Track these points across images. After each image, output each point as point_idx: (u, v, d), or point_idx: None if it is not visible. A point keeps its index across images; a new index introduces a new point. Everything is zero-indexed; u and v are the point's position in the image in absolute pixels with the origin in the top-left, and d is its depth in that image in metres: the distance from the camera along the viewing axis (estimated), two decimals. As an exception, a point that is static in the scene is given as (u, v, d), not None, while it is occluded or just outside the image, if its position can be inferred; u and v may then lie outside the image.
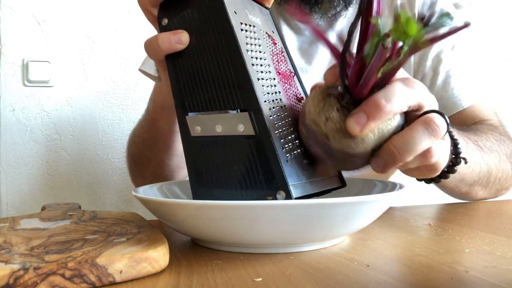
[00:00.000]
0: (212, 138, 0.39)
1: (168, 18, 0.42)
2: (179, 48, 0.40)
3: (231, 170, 0.38)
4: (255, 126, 0.37)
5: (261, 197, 0.36)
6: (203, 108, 0.39)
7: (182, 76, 0.41)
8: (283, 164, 0.36)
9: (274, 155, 0.36)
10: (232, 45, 0.38)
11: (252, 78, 0.37)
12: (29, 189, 1.14)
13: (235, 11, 0.40)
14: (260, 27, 0.43)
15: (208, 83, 0.39)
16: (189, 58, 0.40)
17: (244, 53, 0.38)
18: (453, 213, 0.56)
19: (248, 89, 0.37)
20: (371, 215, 0.38)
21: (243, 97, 0.37)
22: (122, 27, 1.18)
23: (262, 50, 0.41)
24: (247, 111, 0.37)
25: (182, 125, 0.41)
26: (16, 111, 1.13)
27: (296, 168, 0.38)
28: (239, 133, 0.37)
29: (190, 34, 0.40)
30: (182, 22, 0.41)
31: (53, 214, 0.48)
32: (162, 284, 0.30)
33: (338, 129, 0.35)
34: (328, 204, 0.34)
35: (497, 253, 0.36)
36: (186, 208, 0.36)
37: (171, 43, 0.40)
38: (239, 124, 0.37)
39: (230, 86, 0.38)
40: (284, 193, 0.35)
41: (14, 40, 1.11)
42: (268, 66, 0.41)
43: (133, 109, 1.20)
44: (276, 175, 0.36)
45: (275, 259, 0.36)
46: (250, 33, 0.41)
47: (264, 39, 0.43)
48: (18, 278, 0.27)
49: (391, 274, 0.32)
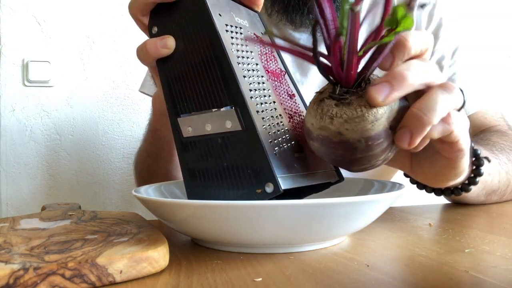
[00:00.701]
0: (203, 137, 0.40)
1: (157, 25, 0.43)
2: (166, 53, 0.41)
3: (223, 167, 0.38)
4: (241, 121, 0.37)
5: (252, 191, 0.36)
6: (193, 109, 0.40)
7: (172, 79, 0.42)
8: (271, 156, 0.36)
9: (261, 148, 0.36)
10: (217, 46, 0.39)
11: (237, 75, 0.38)
12: (29, 189, 1.14)
13: (219, 13, 0.41)
14: (248, 28, 0.44)
15: (197, 84, 0.40)
16: (178, 62, 0.41)
17: (229, 52, 0.39)
18: (453, 213, 0.56)
19: (233, 86, 0.38)
20: (371, 215, 0.38)
21: (230, 94, 0.38)
22: (122, 27, 1.18)
23: (249, 49, 0.42)
24: (233, 107, 0.38)
25: (174, 128, 0.41)
26: (16, 111, 1.13)
27: (286, 161, 0.38)
28: (227, 130, 0.38)
29: (178, 39, 0.41)
30: (170, 28, 0.42)
31: (53, 214, 0.48)
32: (162, 284, 0.30)
33: (346, 120, 0.34)
34: (328, 204, 0.34)
35: (497, 253, 0.36)
36: (186, 208, 0.36)
37: (158, 48, 0.41)
38: (227, 120, 0.38)
39: (217, 85, 0.39)
40: (272, 185, 0.35)
41: (14, 40, 1.11)
42: (256, 65, 0.42)
43: (133, 109, 1.20)
44: (263, 168, 0.36)
45: (275, 259, 0.36)
46: (236, 34, 0.42)
47: None
48: (18, 278, 0.27)
49: (391, 274, 0.32)
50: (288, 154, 0.39)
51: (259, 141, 0.36)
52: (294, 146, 0.40)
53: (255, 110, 0.38)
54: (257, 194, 0.36)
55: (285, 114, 0.42)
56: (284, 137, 0.40)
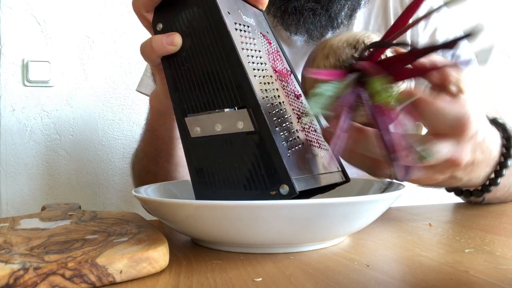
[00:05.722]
0: (212, 138, 0.39)
1: (162, 22, 0.42)
2: (172, 50, 0.40)
3: (233, 168, 0.38)
4: (254, 122, 0.37)
5: (265, 193, 0.36)
6: (202, 109, 0.39)
7: (179, 78, 0.41)
8: (285, 158, 0.36)
9: (275, 149, 0.36)
10: (227, 45, 0.38)
11: (249, 75, 0.37)
12: (29, 189, 1.14)
13: (228, 11, 0.40)
14: (254, 27, 0.43)
15: (205, 83, 0.39)
16: (185, 60, 0.40)
17: (240, 52, 0.38)
18: (453, 213, 0.56)
19: (245, 86, 0.37)
20: (371, 215, 0.38)
21: (241, 95, 0.37)
22: (122, 27, 1.18)
23: (257, 49, 0.42)
24: (245, 107, 0.37)
25: (181, 127, 0.41)
26: (16, 111, 1.13)
27: (298, 162, 0.38)
28: (239, 130, 0.37)
29: (184, 36, 0.40)
30: (176, 25, 0.41)
31: (53, 214, 0.48)
32: (162, 284, 0.30)
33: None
34: (328, 204, 0.34)
35: (497, 253, 0.36)
36: (186, 208, 0.36)
37: (164, 45, 0.40)
38: (239, 121, 0.37)
39: (228, 85, 0.38)
40: (288, 187, 0.35)
41: (14, 40, 1.11)
42: (264, 64, 0.41)
43: (133, 109, 1.20)
44: (278, 170, 0.36)
45: (275, 259, 0.36)
46: (245, 33, 0.41)
47: (259, 39, 0.43)
48: (18, 278, 0.27)
49: (391, 274, 0.32)
50: (300, 156, 0.39)
51: (273, 142, 0.36)
52: (304, 147, 0.40)
53: (267, 111, 0.37)
54: (271, 196, 0.36)
55: (293, 115, 0.41)
56: (295, 138, 0.39)
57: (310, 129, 0.44)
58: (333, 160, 0.44)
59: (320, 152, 0.43)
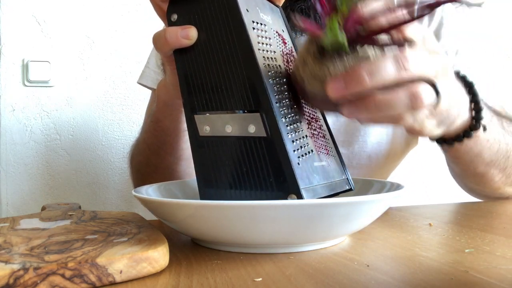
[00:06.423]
0: (222, 139, 0.38)
1: (177, 13, 0.41)
2: (186, 44, 0.39)
3: (241, 171, 0.37)
4: (266, 127, 0.36)
5: (271, 200, 0.36)
6: (213, 108, 0.39)
7: (191, 74, 0.40)
8: (295, 167, 0.35)
9: (286, 157, 0.35)
10: (244, 44, 0.37)
11: (264, 79, 0.36)
12: (29, 189, 1.14)
13: (247, 9, 0.39)
14: (271, 25, 0.42)
15: (218, 82, 0.38)
16: (198, 55, 0.39)
17: (256, 53, 0.37)
18: (453, 213, 0.56)
19: (260, 90, 0.36)
20: (371, 215, 0.38)
21: (255, 98, 0.37)
22: (122, 27, 1.18)
23: (272, 49, 0.41)
24: (258, 111, 0.36)
25: (190, 124, 0.40)
26: (16, 111, 1.13)
27: (307, 171, 0.37)
28: (250, 134, 0.37)
29: (200, 30, 0.39)
30: (192, 18, 0.40)
31: (53, 214, 0.48)
32: (162, 284, 0.30)
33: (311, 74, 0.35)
34: (328, 204, 0.34)
35: (497, 253, 0.36)
36: (186, 208, 0.36)
37: (178, 38, 0.39)
38: (250, 125, 0.37)
39: (241, 86, 0.37)
40: (296, 197, 0.35)
41: (14, 40, 1.12)
42: (279, 67, 0.40)
43: (133, 109, 1.20)
44: (287, 178, 0.35)
45: (275, 259, 0.36)
46: (262, 32, 0.40)
47: (274, 38, 0.42)
48: (18, 278, 0.27)
49: (391, 274, 0.32)
50: (309, 164, 0.38)
51: (285, 150, 0.35)
52: (314, 155, 0.39)
53: (280, 117, 0.36)
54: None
55: (304, 120, 0.41)
56: (305, 146, 0.39)
57: (319, 135, 0.43)
58: (339, 167, 0.44)
59: (328, 160, 0.42)
